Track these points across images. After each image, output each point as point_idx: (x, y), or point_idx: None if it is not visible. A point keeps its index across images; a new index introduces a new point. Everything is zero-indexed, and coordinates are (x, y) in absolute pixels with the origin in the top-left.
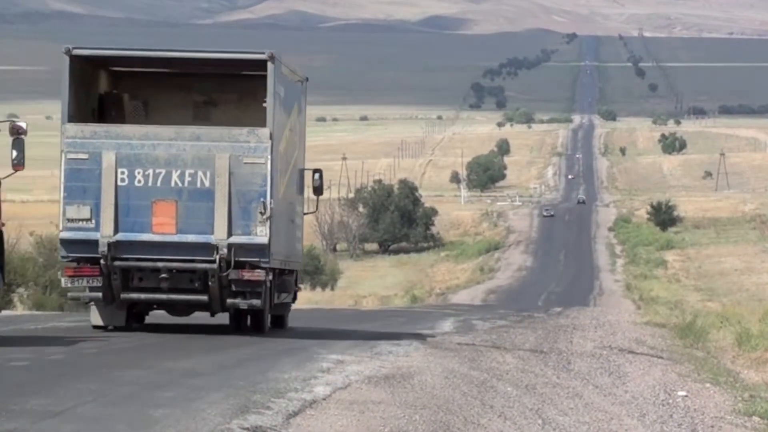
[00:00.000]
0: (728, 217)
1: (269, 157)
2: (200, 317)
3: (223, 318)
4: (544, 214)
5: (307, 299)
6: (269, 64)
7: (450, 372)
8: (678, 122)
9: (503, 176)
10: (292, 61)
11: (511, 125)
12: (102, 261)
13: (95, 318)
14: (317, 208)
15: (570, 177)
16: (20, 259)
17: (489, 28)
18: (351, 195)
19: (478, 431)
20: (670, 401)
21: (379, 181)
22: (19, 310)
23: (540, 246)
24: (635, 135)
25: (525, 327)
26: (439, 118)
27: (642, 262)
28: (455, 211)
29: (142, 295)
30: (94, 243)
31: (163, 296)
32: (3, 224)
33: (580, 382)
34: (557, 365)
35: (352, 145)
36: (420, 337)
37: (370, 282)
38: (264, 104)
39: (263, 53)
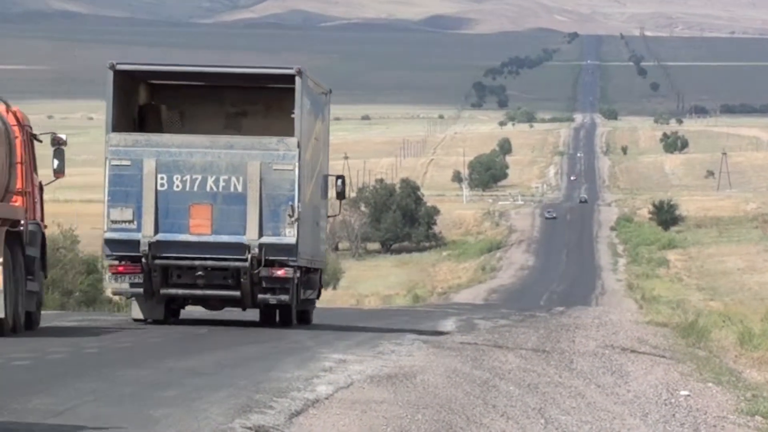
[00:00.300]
0: (730, 216)
1: (297, 164)
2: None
3: (247, 313)
4: (546, 216)
5: None
6: (297, 79)
7: (452, 371)
8: (680, 121)
9: (505, 175)
10: (309, 69)
11: (513, 124)
12: (143, 259)
13: (136, 312)
14: (340, 212)
15: (572, 178)
16: None
17: (491, 28)
18: (353, 194)
19: (480, 431)
20: (673, 401)
21: (381, 180)
22: None
23: (542, 245)
24: (637, 134)
25: (527, 326)
26: (441, 117)
27: (644, 261)
28: (457, 210)
29: (180, 291)
30: (136, 243)
31: (199, 292)
32: (45, 226)
33: (582, 381)
34: (559, 364)
35: (354, 145)
36: (422, 336)
37: (372, 281)
38: (292, 115)
39: (292, 68)
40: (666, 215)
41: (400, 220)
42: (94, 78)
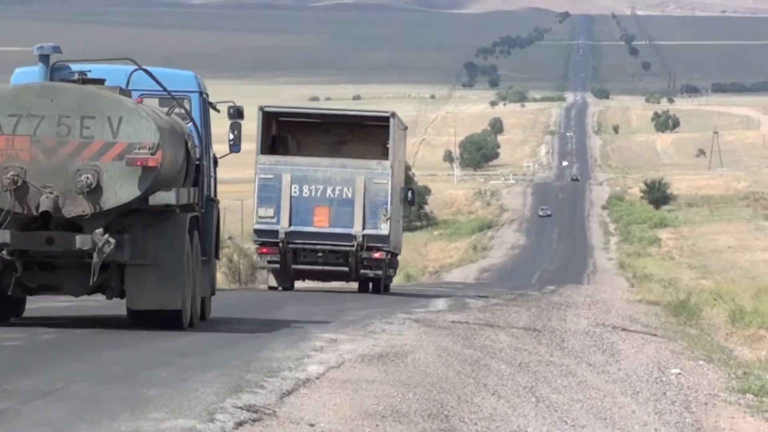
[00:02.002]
0: (721, 194)
1: (390, 179)
2: None
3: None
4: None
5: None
6: (391, 120)
7: (443, 350)
8: (671, 100)
9: (496, 155)
10: (300, 49)
11: (504, 104)
12: (280, 244)
13: (272, 281)
14: (409, 214)
15: (564, 164)
16: None
17: (482, 7)
18: None
19: (471, 409)
20: (664, 379)
21: None
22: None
23: (533, 224)
24: (628, 113)
25: (518, 305)
26: (432, 97)
27: (635, 240)
28: (448, 190)
29: (306, 267)
30: (276, 232)
31: (319, 267)
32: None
33: (573, 360)
34: (551, 343)
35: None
36: (413, 315)
37: None
38: (387, 145)
39: (387, 113)
40: (657, 194)
41: None
42: (85, 59)
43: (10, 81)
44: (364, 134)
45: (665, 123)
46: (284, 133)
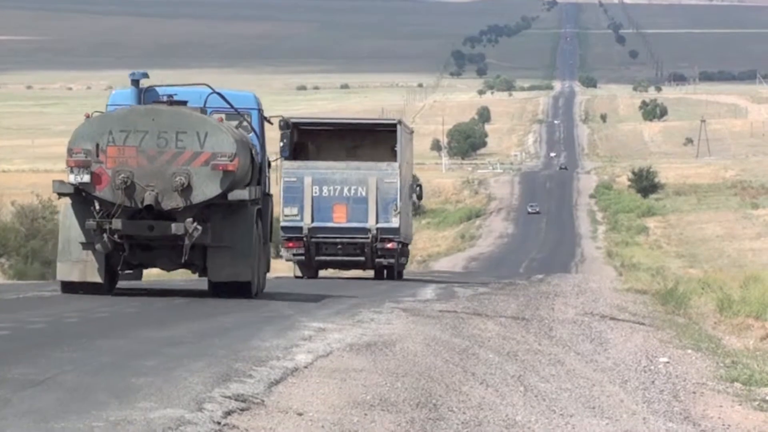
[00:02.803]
0: (709, 183)
1: (398, 179)
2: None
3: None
4: (529, 210)
5: (289, 267)
6: (398, 126)
7: (431, 339)
8: (659, 89)
9: (484, 144)
10: (287, 37)
11: (492, 93)
12: (304, 239)
13: (297, 271)
14: (419, 207)
15: (552, 155)
16: (2, 229)
17: None
18: None
19: (460, 398)
20: (652, 367)
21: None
22: (1, 279)
23: (521, 213)
24: (616, 102)
25: (506, 294)
26: (420, 85)
27: (623, 228)
28: (436, 179)
29: (327, 258)
30: (300, 228)
31: (339, 258)
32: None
33: (561, 349)
34: (539, 332)
35: (333, 114)
36: (402, 304)
37: None
38: (394, 148)
39: (394, 120)
40: (645, 183)
41: None
42: (72, 48)
43: (109, 99)
44: (375, 139)
45: (653, 111)
46: (305, 140)
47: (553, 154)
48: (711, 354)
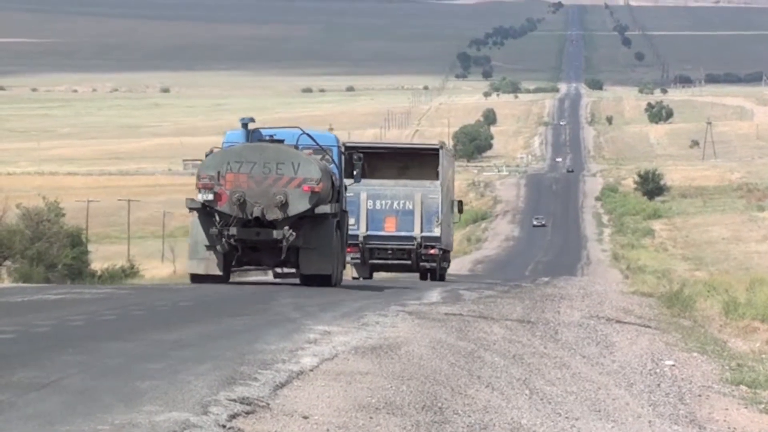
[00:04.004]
0: (715, 185)
1: (440, 195)
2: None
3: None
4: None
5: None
6: (440, 150)
7: (437, 342)
8: (664, 91)
9: (490, 146)
10: (293, 39)
11: (498, 95)
12: (360, 245)
13: (354, 273)
14: (460, 219)
15: (558, 160)
16: (7, 232)
17: None
18: None
19: (465, 401)
20: (658, 370)
21: None
22: (6, 282)
23: (527, 216)
24: (622, 104)
25: (512, 297)
26: (426, 88)
27: (629, 231)
28: None
29: (379, 261)
30: (357, 236)
31: (389, 262)
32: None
33: (567, 352)
34: (544, 335)
35: (339, 116)
36: (407, 307)
37: None
38: (437, 169)
39: (437, 145)
40: (651, 185)
41: None
42: (77, 51)
43: (224, 137)
44: (421, 161)
45: (659, 114)
46: (358, 160)
47: (558, 160)
48: (717, 357)
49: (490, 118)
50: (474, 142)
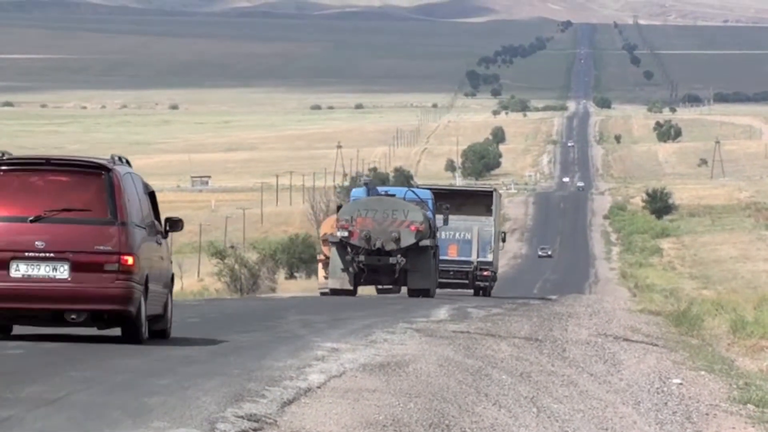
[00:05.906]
0: (723, 204)
1: (493, 228)
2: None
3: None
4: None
5: (302, 287)
6: (494, 192)
7: (445, 360)
8: (673, 110)
9: (498, 164)
10: (302, 57)
11: (507, 113)
12: None
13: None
14: (503, 247)
15: (566, 179)
16: None
17: (484, 16)
18: (346, 183)
19: (473, 419)
20: (665, 389)
21: (375, 169)
22: None
23: (535, 234)
24: (630, 123)
25: (520, 315)
26: (435, 106)
27: (637, 249)
28: None
29: (443, 280)
30: None
31: (451, 281)
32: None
33: (575, 370)
34: (552, 353)
35: (348, 133)
36: (415, 325)
37: None
38: (490, 207)
39: (491, 188)
40: (659, 204)
41: None
42: (87, 67)
43: (351, 194)
44: (477, 199)
45: (667, 132)
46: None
47: (566, 179)
48: (724, 376)
49: (498, 136)
50: (483, 160)
